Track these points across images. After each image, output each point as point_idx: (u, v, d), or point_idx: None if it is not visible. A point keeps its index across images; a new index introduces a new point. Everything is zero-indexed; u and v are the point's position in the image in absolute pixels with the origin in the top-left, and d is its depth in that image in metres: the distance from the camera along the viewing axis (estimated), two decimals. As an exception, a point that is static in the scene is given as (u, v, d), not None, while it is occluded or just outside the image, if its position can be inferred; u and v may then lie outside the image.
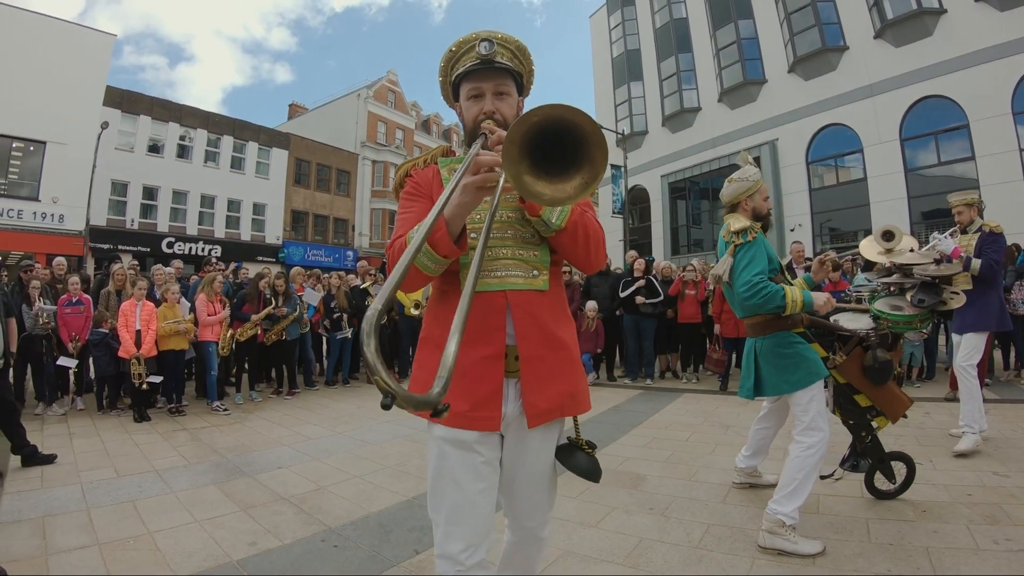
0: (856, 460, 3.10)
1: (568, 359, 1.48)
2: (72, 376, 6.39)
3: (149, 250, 20.35)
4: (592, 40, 28.95)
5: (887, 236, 3.27)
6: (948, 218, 4.59)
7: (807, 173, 18.79)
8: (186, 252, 21.12)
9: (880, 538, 2.67)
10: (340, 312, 7.97)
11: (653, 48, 24.49)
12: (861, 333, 2.97)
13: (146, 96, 21.70)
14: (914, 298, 2.97)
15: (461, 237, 1.29)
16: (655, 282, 7.77)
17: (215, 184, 23.22)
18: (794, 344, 2.77)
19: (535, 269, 1.44)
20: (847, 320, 3.16)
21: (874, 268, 3.66)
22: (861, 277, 6.23)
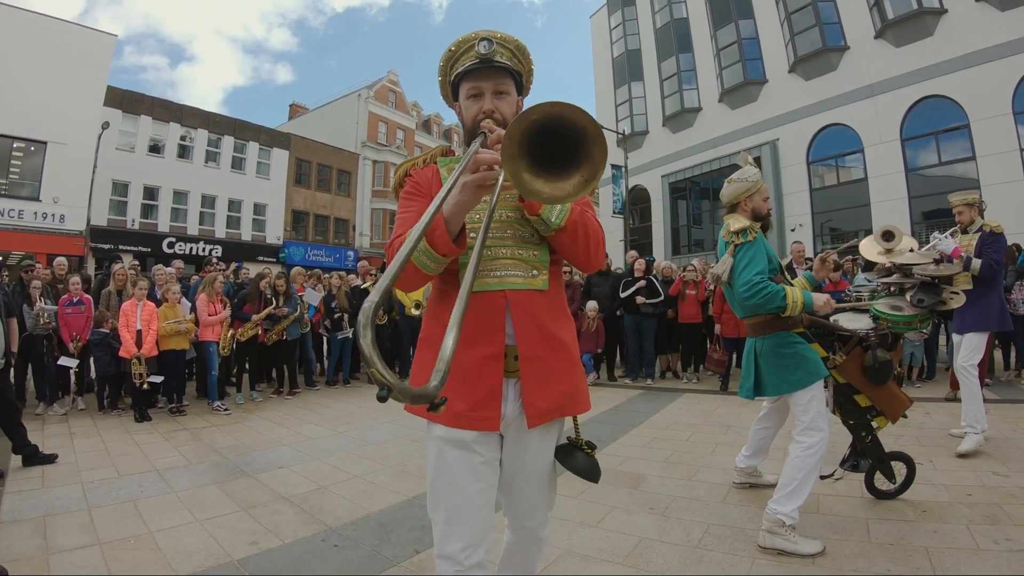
0: (856, 460, 3.10)
1: (568, 359, 1.47)
2: (73, 376, 6.40)
3: (150, 250, 20.39)
4: (592, 40, 28.94)
5: (887, 236, 3.28)
6: (949, 218, 4.58)
7: (808, 173, 18.79)
8: (187, 252, 21.15)
9: (880, 538, 2.67)
10: (341, 312, 7.98)
11: (654, 48, 24.48)
12: (861, 333, 2.97)
13: (147, 96, 21.72)
14: (913, 298, 2.97)
15: (460, 236, 1.28)
16: (656, 282, 7.77)
17: (216, 184, 23.24)
18: (794, 344, 2.78)
19: (534, 269, 1.44)
20: (847, 320, 3.16)
21: (874, 268, 3.66)
22: (861, 277, 6.24)
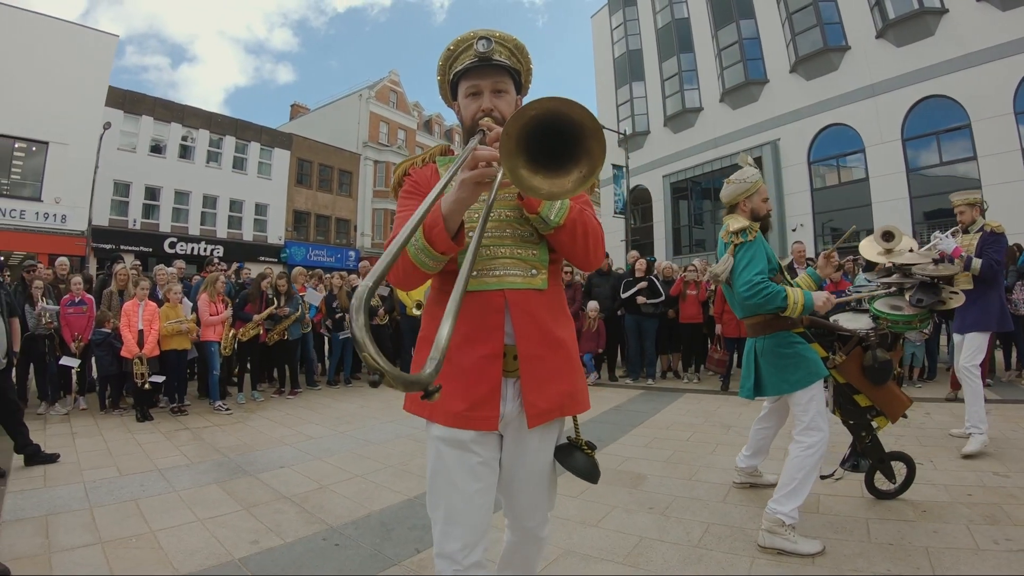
0: (856, 460, 3.10)
1: (567, 358, 1.47)
2: (75, 376, 6.41)
3: (151, 250, 20.43)
4: (594, 40, 28.93)
5: (887, 236, 3.28)
6: (950, 218, 4.59)
7: (809, 173, 18.79)
8: (188, 252, 21.19)
9: (880, 538, 2.67)
10: (342, 312, 7.98)
11: (655, 48, 24.48)
12: (861, 333, 2.97)
13: (148, 96, 21.76)
14: (913, 298, 2.97)
15: (459, 233, 1.28)
16: (656, 282, 7.78)
17: (217, 184, 23.28)
18: (794, 344, 2.78)
19: (534, 268, 1.43)
20: (847, 320, 3.17)
21: (875, 268, 3.66)
22: (862, 277, 6.24)
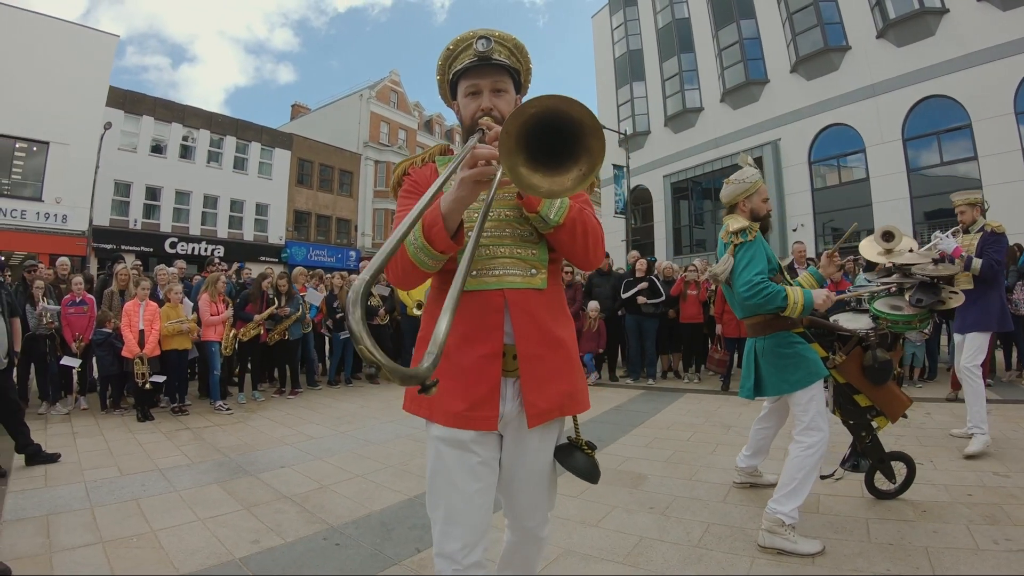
0: (856, 460, 3.10)
1: (567, 358, 1.46)
2: (75, 376, 6.41)
3: (152, 250, 20.43)
4: (594, 40, 28.93)
5: (887, 237, 3.28)
6: (951, 218, 4.59)
7: (809, 173, 18.78)
8: (189, 252, 21.22)
9: (880, 538, 2.68)
10: (343, 312, 7.97)
11: (655, 48, 24.48)
12: (861, 333, 2.98)
13: (149, 96, 21.78)
14: (912, 298, 2.97)
15: (458, 233, 1.28)
16: (657, 282, 7.78)
17: (218, 184, 23.30)
18: (794, 344, 2.78)
19: (533, 268, 1.43)
20: (847, 320, 3.17)
21: (875, 268, 3.66)
22: (862, 277, 6.24)
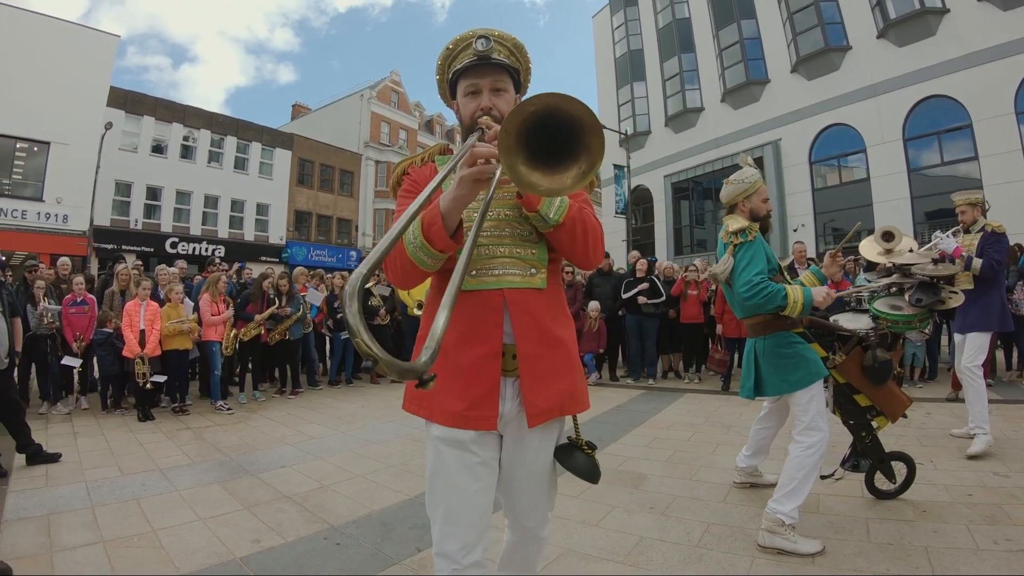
0: (857, 460, 3.10)
1: (567, 357, 1.46)
2: (76, 375, 6.42)
3: (153, 250, 20.45)
4: (595, 40, 28.91)
5: (887, 237, 3.28)
6: (951, 218, 4.59)
7: (810, 173, 18.76)
8: (190, 252, 21.25)
9: (880, 538, 2.68)
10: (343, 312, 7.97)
11: (656, 48, 24.46)
12: (861, 333, 2.98)
13: (150, 97, 21.80)
14: (912, 297, 2.97)
15: (457, 232, 1.28)
16: (658, 282, 7.78)
17: (218, 184, 23.31)
18: (794, 344, 2.78)
19: (533, 267, 1.43)
20: (847, 320, 3.17)
21: (875, 269, 3.66)
22: (863, 277, 6.24)
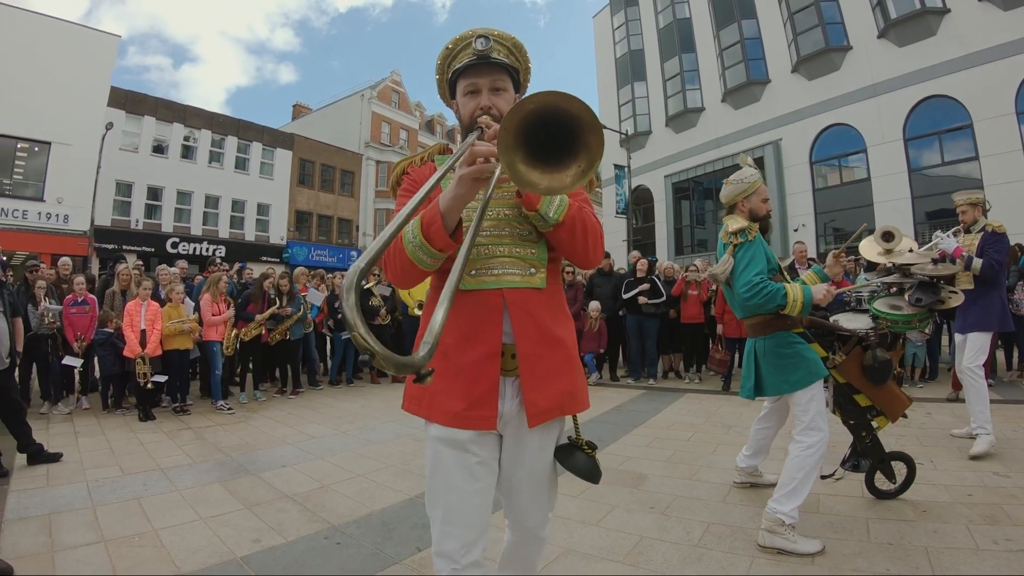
0: (857, 460, 3.11)
1: (566, 357, 1.46)
2: (77, 375, 6.43)
3: (153, 250, 20.45)
4: (595, 40, 28.91)
5: (887, 237, 3.28)
6: (952, 218, 4.59)
7: (811, 173, 18.75)
8: (190, 252, 21.27)
9: (880, 538, 2.68)
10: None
11: (656, 48, 24.46)
12: (860, 333, 2.98)
13: (150, 97, 21.81)
14: (912, 297, 2.98)
15: (457, 231, 1.28)
16: (658, 282, 7.78)
17: (219, 184, 23.33)
18: (794, 344, 2.78)
19: (532, 267, 1.43)
20: (847, 320, 3.17)
21: (875, 269, 3.67)
22: (863, 278, 6.24)
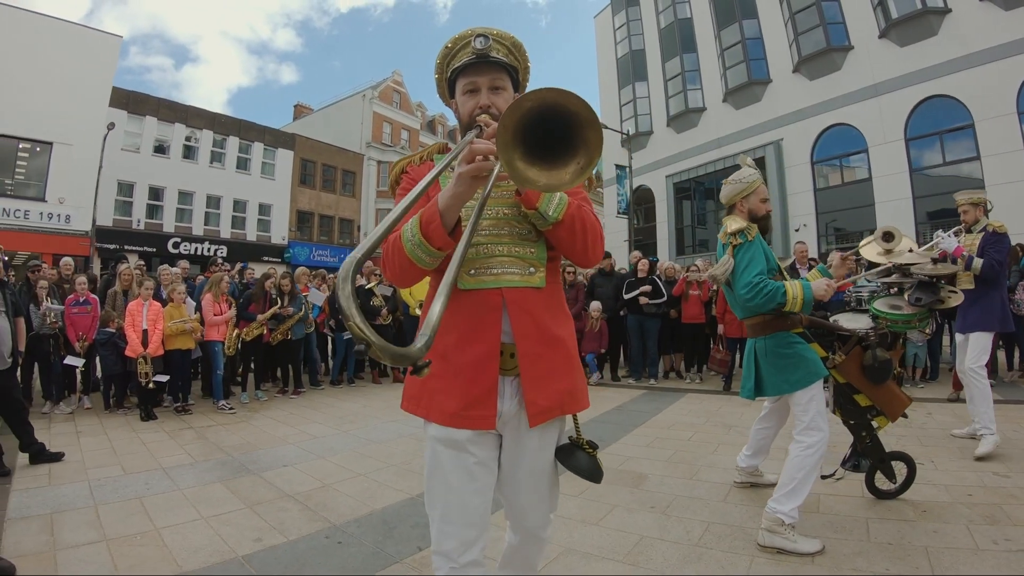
0: (857, 460, 3.11)
1: (566, 356, 1.46)
2: (79, 375, 6.44)
3: (155, 250, 20.50)
4: (597, 40, 28.90)
5: (887, 237, 3.28)
6: (953, 218, 4.59)
7: (812, 173, 18.72)
8: (192, 252, 21.33)
9: (879, 537, 2.68)
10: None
11: (658, 48, 24.44)
12: (860, 333, 2.98)
13: (152, 97, 21.85)
14: (911, 297, 2.98)
15: (456, 230, 1.28)
16: (659, 282, 7.78)
17: (221, 184, 23.37)
18: (793, 344, 2.79)
19: (531, 266, 1.43)
20: (847, 320, 3.17)
21: (876, 269, 3.66)
22: (863, 278, 6.23)
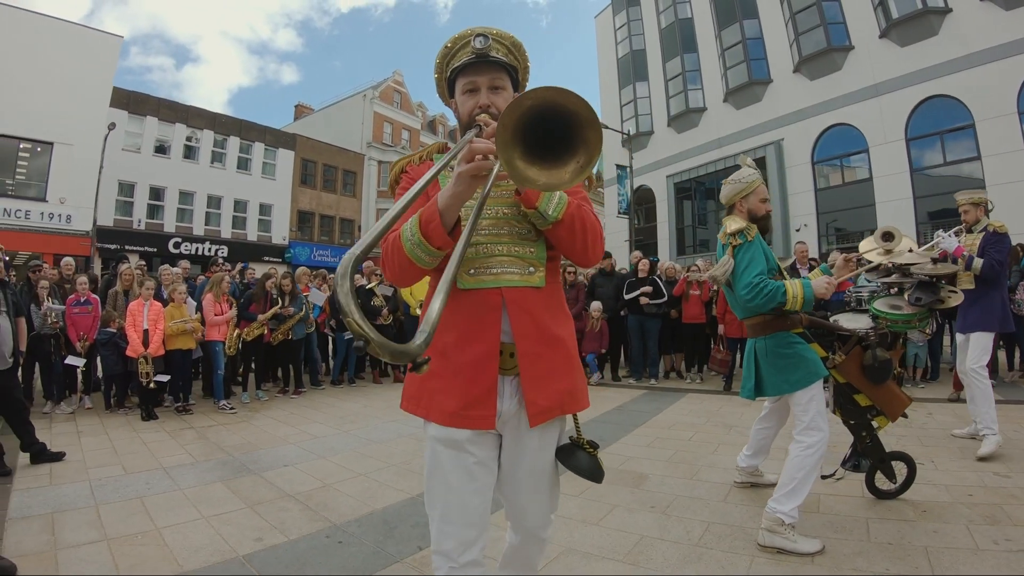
0: (857, 460, 3.11)
1: (566, 356, 1.46)
2: (80, 375, 6.44)
3: (156, 250, 20.52)
4: (597, 40, 28.89)
5: (887, 237, 3.28)
6: (954, 218, 4.59)
7: (813, 173, 18.70)
8: (193, 252, 21.35)
9: (880, 537, 2.68)
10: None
11: (658, 48, 24.43)
12: (860, 332, 2.98)
13: (153, 97, 21.88)
14: (911, 296, 2.98)
15: (455, 229, 1.28)
16: (660, 282, 7.78)
17: (221, 185, 23.39)
18: (793, 344, 2.79)
19: (531, 266, 1.43)
20: (847, 320, 3.17)
21: (876, 269, 3.67)
22: (863, 278, 6.23)
